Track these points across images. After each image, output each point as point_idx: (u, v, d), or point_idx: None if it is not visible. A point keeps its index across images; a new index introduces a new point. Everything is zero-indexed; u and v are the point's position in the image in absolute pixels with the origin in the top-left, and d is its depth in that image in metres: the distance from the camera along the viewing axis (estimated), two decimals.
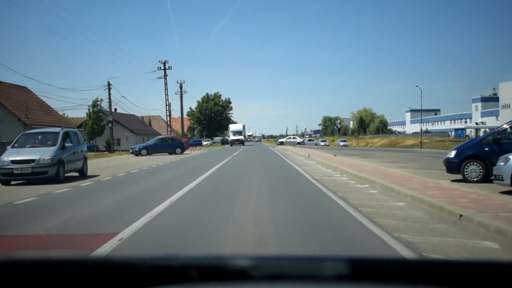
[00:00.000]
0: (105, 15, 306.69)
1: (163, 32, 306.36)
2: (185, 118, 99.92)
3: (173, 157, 35.27)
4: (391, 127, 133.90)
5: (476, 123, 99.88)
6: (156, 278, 1.00)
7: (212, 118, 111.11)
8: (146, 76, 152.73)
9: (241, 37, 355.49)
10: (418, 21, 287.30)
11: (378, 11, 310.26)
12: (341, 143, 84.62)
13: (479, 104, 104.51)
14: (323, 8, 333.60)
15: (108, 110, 57.16)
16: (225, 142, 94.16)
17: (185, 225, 7.53)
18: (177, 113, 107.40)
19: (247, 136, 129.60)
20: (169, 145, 43.35)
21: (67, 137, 17.21)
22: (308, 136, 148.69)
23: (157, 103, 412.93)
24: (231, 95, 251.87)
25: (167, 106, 70.70)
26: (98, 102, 56.31)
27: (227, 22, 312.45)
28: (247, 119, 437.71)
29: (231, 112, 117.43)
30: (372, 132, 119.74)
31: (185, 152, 44.60)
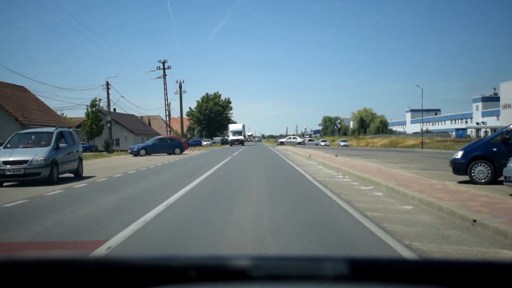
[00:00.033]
0: (105, 15, 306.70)
1: (163, 32, 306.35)
2: (185, 118, 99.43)
3: (172, 158, 34.78)
4: (391, 127, 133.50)
5: (477, 123, 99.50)
6: (156, 278, 1.00)
7: (212, 118, 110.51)
8: (145, 76, 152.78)
9: (241, 37, 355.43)
10: (418, 21, 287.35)
11: (378, 11, 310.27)
12: (342, 143, 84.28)
13: (479, 104, 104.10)
14: (323, 8, 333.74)
15: (107, 110, 56.66)
16: (225, 142, 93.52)
17: (179, 233, 7.02)
18: (176, 113, 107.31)
19: (247, 136, 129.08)
20: (168, 145, 42.86)
21: (61, 137, 16.72)
22: (308, 136, 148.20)
23: (157, 103, 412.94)
24: (231, 95, 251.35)
25: (166, 106, 70.35)
26: (97, 102, 55.74)
27: (227, 22, 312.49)
28: (247, 119, 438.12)
29: (231, 112, 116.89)
30: (372, 132, 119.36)
31: (184, 152, 44.14)
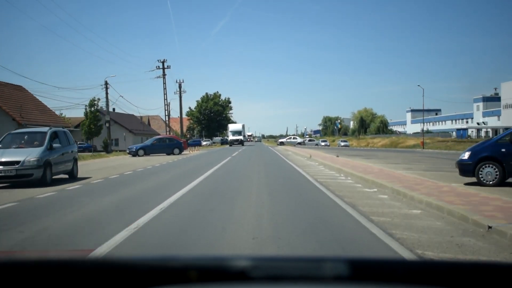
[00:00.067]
0: (105, 15, 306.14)
1: (163, 32, 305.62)
2: (185, 118, 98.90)
3: (171, 158, 34.29)
4: (391, 127, 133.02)
5: (478, 123, 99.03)
6: (156, 279, 1.00)
7: (212, 118, 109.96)
8: (145, 76, 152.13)
9: (241, 37, 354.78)
10: (418, 21, 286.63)
11: (378, 11, 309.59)
12: (342, 143, 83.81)
13: (480, 104, 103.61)
14: (323, 8, 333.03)
15: (106, 109, 56.18)
16: (224, 142, 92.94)
17: (172, 243, 6.53)
18: (176, 113, 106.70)
19: (246, 136, 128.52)
20: (167, 146, 42.37)
21: (55, 137, 16.22)
22: (308, 136, 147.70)
23: (157, 103, 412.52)
24: (231, 95, 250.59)
25: (165, 106, 69.84)
26: (95, 101, 55.23)
27: (227, 22, 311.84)
28: (247, 119, 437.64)
29: (230, 112, 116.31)
30: (372, 132, 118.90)
31: (183, 152, 43.66)
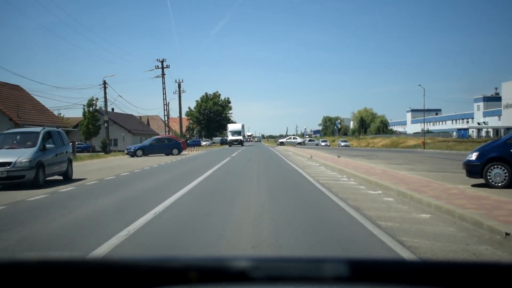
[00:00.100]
0: (104, 15, 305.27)
1: (162, 32, 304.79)
2: (184, 118, 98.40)
3: (169, 158, 33.81)
4: (391, 127, 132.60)
5: (478, 123, 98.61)
6: (156, 279, 1.00)
7: (211, 118, 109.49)
8: (145, 76, 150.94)
9: (241, 37, 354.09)
10: (418, 21, 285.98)
11: (378, 11, 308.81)
12: (342, 144, 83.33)
13: (481, 104, 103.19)
14: (323, 8, 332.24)
15: (104, 109, 55.70)
16: (224, 142, 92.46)
17: (166, 251, 6.06)
18: (176, 113, 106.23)
19: (246, 136, 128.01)
20: (165, 146, 41.88)
21: (49, 137, 15.72)
22: (308, 136, 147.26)
23: (156, 103, 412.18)
24: (231, 95, 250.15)
25: (165, 106, 69.39)
26: (94, 101, 54.74)
27: (227, 22, 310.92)
28: (247, 119, 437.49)
29: (230, 112, 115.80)
30: (373, 132, 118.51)
31: (182, 153, 43.18)
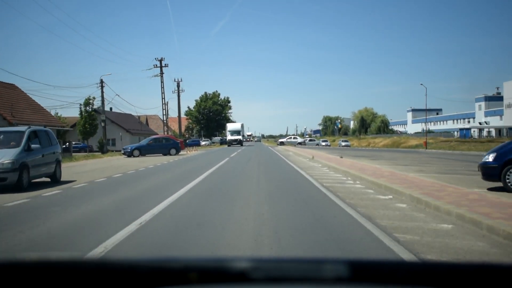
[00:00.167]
0: (104, 14, 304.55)
1: (162, 32, 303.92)
2: (183, 117, 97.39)
3: (166, 159, 32.84)
4: (392, 127, 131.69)
5: (480, 123, 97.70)
6: (156, 280, 1.00)
7: (211, 118, 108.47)
8: (144, 75, 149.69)
9: (240, 37, 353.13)
10: (418, 21, 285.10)
11: (378, 11, 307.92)
12: (343, 143, 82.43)
13: (482, 104, 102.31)
14: (323, 8, 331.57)
15: (101, 108, 54.70)
16: (224, 142, 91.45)
17: None
18: (175, 112, 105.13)
19: (246, 136, 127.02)
20: (163, 146, 40.90)
21: (35, 137, 14.76)
22: (308, 136, 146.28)
23: (156, 103, 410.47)
24: (231, 95, 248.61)
25: (163, 105, 68.41)
26: (91, 100, 53.71)
27: (227, 22, 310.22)
28: (247, 119, 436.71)
29: (230, 111, 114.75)
30: (373, 132, 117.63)
31: (180, 153, 42.22)
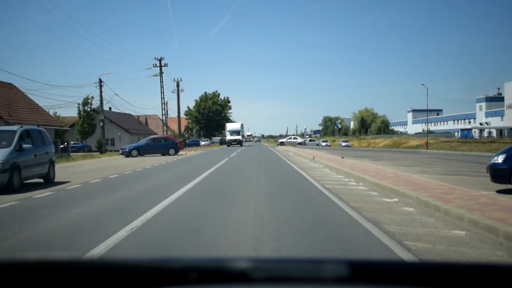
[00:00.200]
0: (104, 14, 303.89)
1: (162, 32, 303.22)
2: (183, 117, 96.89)
3: (165, 159, 32.36)
4: (392, 128, 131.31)
5: (481, 123, 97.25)
6: (156, 280, 1.00)
7: (211, 118, 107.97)
8: (143, 75, 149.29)
9: (240, 37, 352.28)
10: (418, 21, 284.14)
11: (378, 11, 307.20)
12: (343, 144, 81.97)
13: (483, 104, 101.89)
14: (323, 8, 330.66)
15: (100, 108, 54.22)
16: (223, 142, 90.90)
17: None
18: (175, 112, 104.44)
19: (246, 136, 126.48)
20: (162, 146, 40.41)
21: (27, 136, 14.29)
22: (308, 136, 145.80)
23: (155, 102, 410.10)
24: (231, 95, 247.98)
25: (163, 105, 67.95)
26: (89, 100, 53.25)
27: (227, 22, 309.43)
28: (247, 119, 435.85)
29: (230, 111, 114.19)
30: (373, 133, 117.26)
31: (179, 153, 41.74)
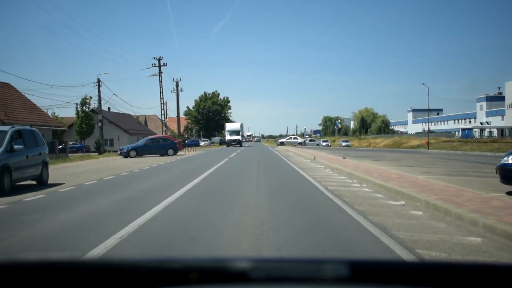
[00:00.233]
0: (104, 14, 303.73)
1: (162, 32, 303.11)
2: (183, 117, 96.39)
3: (163, 160, 31.88)
4: (392, 127, 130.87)
5: (481, 123, 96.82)
6: (156, 280, 1.00)
7: (210, 118, 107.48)
8: (142, 74, 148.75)
9: (240, 37, 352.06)
10: (418, 21, 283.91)
11: (378, 11, 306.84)
12: (343, 144, 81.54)
13: (484, 104, 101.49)
14: (323, 8, 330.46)
15: (98, 108, 53.71)
16: (223, 142, 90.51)
17: None
18: (175, 112, 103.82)
19: (245, 136, 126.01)
20: (160, 146, 39.92)
21: (18, 137, 13.80)
22: (308, 136, 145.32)
23: (155, 102, 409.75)
24: (230, 95, 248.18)
25: (162, 105, 67.50)
26: (87, 100, 52.67)
27: (226, 22, 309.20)
28: (246, 119, 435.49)
29: (229, 111, 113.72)
30: (374, 132, 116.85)
31: (178, 153, 41.26)
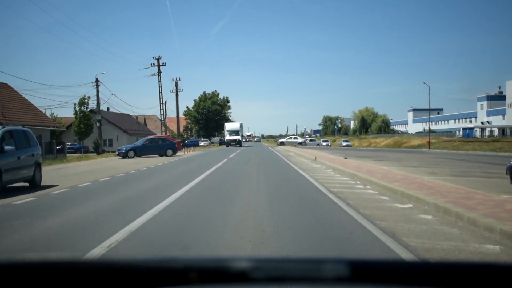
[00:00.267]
0: (104, 14, 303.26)
1: (162, 32, 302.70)
2: (182, 118, 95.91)
3: (162, 160, 31.40)
4: (393, 127, 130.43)
5: (482, 122, 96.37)
6: (156, 280, 1.00)
7: (210, 118, 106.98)
8: (143, 75, 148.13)
9: (240, 37, 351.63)
10: (418, 21, 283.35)
11: (378, 11, 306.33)
12: (344, 143, 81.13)
13: (484, 103, 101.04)
14: (323, 8, 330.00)
15: (97, 108, 53.24)
16: (223, 142, 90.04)
17: None
18: (174, 112, 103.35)
19: (245, 136, 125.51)
20: (159, 146, 39.44)
21: (9, 137, 13.31)
22: (308, 136, 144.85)
23: (154, 102, 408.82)
24: (230, 95, 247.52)
25: (161, 105, 67.03)
26: (86, 100, 52.20)
27: (227, 22, 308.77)
28: (246, 119, 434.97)
29: (229, 111, 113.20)
30: (374, 132, 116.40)
31: (177, 153, 40.78)
